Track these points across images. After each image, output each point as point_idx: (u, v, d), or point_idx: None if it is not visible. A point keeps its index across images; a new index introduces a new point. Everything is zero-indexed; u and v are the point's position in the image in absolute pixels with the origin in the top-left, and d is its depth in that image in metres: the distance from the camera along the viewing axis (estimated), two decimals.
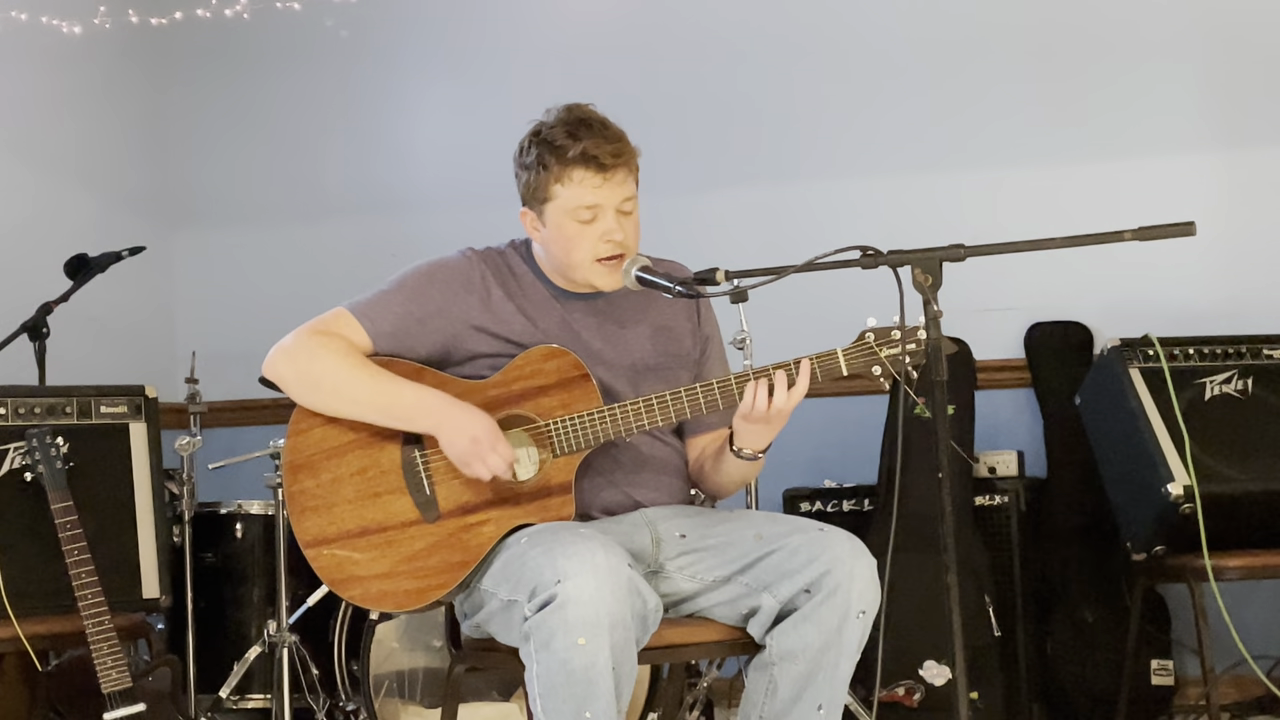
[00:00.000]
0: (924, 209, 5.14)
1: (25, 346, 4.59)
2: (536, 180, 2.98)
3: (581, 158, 2.93)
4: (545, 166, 2.96)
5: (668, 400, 2.89)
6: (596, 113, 3.01)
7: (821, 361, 2.87)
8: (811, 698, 2.87)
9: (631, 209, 3.00)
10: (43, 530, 3.83)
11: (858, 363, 2.86)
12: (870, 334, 2.87)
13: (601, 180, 2.95)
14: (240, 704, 4.69)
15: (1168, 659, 4.73)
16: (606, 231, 2.96)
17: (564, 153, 2.94)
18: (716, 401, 2.89)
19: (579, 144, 2.94)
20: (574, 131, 2.95)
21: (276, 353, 3.01)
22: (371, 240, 5.72)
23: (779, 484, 4.89)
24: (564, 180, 2.95)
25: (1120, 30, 5.10)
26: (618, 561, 2.71)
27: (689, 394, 2.89)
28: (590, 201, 2.95)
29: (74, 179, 5.61)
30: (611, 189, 2.96)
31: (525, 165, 3.01)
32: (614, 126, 3.00)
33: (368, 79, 5.88)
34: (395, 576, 2.92)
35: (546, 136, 2.97)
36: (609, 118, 3.02)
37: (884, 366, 2.84)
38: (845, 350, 2.88)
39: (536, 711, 2.72)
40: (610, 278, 2.99)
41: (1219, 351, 4.37)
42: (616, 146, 2.96)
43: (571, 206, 2.96)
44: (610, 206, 2.96)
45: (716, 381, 2.90)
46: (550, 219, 2.99)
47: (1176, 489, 4.12)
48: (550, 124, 2.99)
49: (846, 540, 2.90)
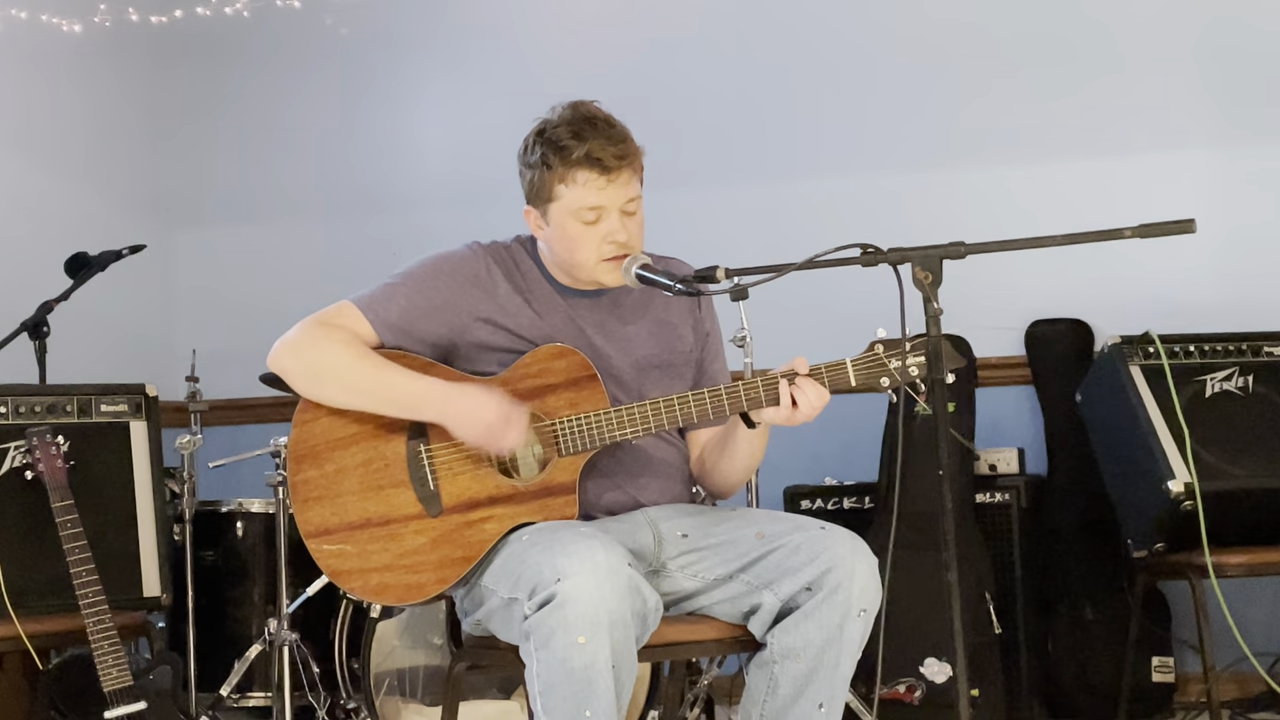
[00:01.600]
0: (924, 206, 5.14)
1: (26, 345, 4.59)
2: (540, 179, 2.97)
3: (586, 159, 2.92)
4: (549, 166, 2.95)
5: (675, 404, 2.89)
6: (601, 110, 3.00)
7: (830, 371, 2.87)
8: (812, 696, 2.87)
9: (635, 209, 2.99)
10: (43, 529, 3.83)
11: (866, 373, 2.86)
12: (880, 345, 2.87)
13: (606, 182, 2.94)
14: (241, 702, 4.69)
15: (1168, 656, 4.73)
16: (610, 232, 2.95)
17: (568, 154, 2.93)
18: (724, 408, 2.88)
19: (583, 145, 2.92)
20: (579, 131, 2.94)
21: (280, 346, 2.99)
22: (372, 238, 5.72)
23: (780, 481, 4.89)
24: (568, 181, 2.94)
25: (1120, 27, 5.09)
26: (618, 560, 2.71)
27: (696, 399, 2.88)
28: (594, 203, 2.94)
29: (74, 177, 5.61)
30: (615, 190, 2.95)
31: (529, 164, 2.99)
32: (619, 125, 2.98)
33: (367, 77, 5.87)
34: (396, 570, 2.91)
35: (551, 136, 2.96)
36: (613, 115, 3.00)
37: (893, 378, 2.84)
38: (854, 361, 2.87)
39: (537, 710, 2.72)
40: (616, 274, 2.98)
41: (1220, 349, 4.37)
42: (621, 148, 2.94)
43: (575, 207, 2.95)
44: (614, 207, 2.95)
45: (725, 388, 2.89)
46: (554, 218, 2.99)
47: (1177, 486, 4.12)
48: (555, 123, 2.97)
49: (848, 539, 2.90)
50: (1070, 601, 4.74)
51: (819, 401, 2.86)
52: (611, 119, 2.98)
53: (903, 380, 2.84)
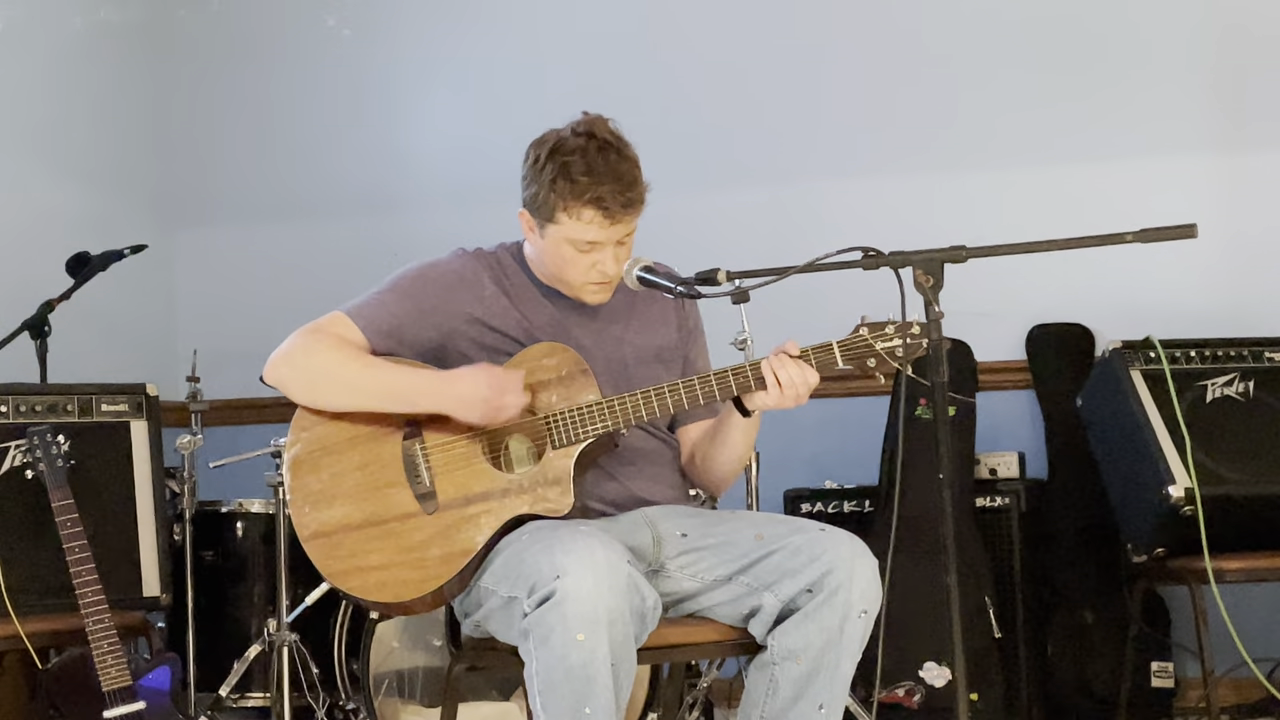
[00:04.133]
0: (925, 210, 5.14)
1: (27, 344, 4.59)
2: (545, 199, 2.98)
3: (595, 202, 2.94)
4: (556, 192, 2.96)
5: (665, 392, 2.91)
6: (615, 138, 2.99)
7: (817, 353, 2.88)
8: (813, 697, 2.87)
9: (629, 241, 3.02)
10: (43, 528, 3.84)
11: (853, 355, 2.87)
12: (864, 328, 2.87)
13: (609, 223, 2.96)
14: (240, 702, 4.68)
15: (1168, 661, 4.72)
16: (600, 263, 2.99)
17: (579, 192, 2.94)
18: (714, 393, 2.90)
19: (597, 186, 2.93)
20: (593, 167, 2.93)
21: (274, 357, 3.04)
22: (373, 239, 5.72)
23: (780, 484, 4.89)
24: (572, 214, 2.96)
25: (1123, 32, 5.10)
26: (617, 558, 2.72)
27: (686, 386, 2.91)
28: (593, 238, 2.98)
29: (76, 177, 5.61)
30: (616, 230, 2.98)
31: (536, 179, 2.99)
32: (630, 157, 2.98)
33: (370, 78, 5.88)
34: (394, 567, 2.92)
35: (565, 163, 2.95)
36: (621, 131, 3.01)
37: (880, 359, 2.85)
38: (840, 343, 2.88)
39: (536, 709, 2.72)
40: (597, 296, 3.05)
41: (1220, 354, 4.37)
42: (631, 195, 2.96)
43: (573, 237, 2.98)
44: (610, 243, 2.99)
45: (714, 374, 2.91)
46: (549, 236, 3.01)
47: (1177, 491, 4.12)
48: (570, 147, 2.96)
49: (848, 540, 2.90)
50: (1070, 606, 4.74)
51: (803, 380, 2.86)
52: (624, 149, 2.99)
53: (890, 361, 2.84)
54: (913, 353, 2.84)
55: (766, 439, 4.46)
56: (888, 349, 2.85)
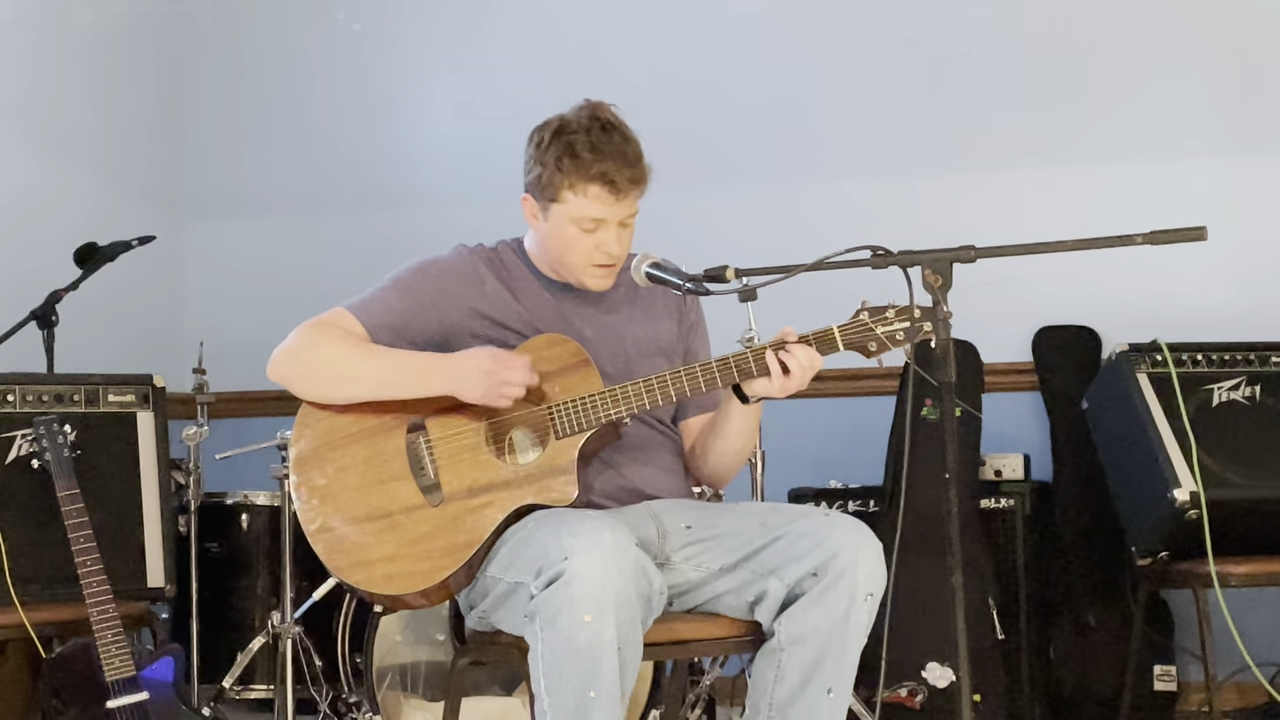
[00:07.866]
0: (934, 210, 5.14)
1: (34, 334, 4.59)
2: (549, 179, 3.01)
3: (601, 177, 2.97)
4: (562, 170, 2.99)
5: (668, 380, 2.91)
6: (618, 121, 3.03)
7: (817, 337, 2.88)
8: (820, 682, 2.87)
9: (631, 222, 3.05)
10: (49, 518, 3.84)
11: (853, 338, 2.87)
12: (865, 312, 2.88)
13: (614, 200, 2.99)
14: (243, 694, 4.69)
15: (1170, 664, 4.72)
16: (604, 243, 3.01)
17: (585, 167, 2.97)
18: (716, 379, 2.91)
19: (602, 163, 2.96)
20: (598, 145, 2.97)
21: (277, 354, 3.05)
22: (380, 233, 5.73)
23: (784, 484, 4.89)
24: (578, 191, 2.99)
25: (1132, 34, 5.09)
26: (625, 541, 2.73)
27: (688, 373, 2.91)
28: (598, 215, 3.00)
29: (84, 167, 5.62)
30: (620, 208, 3.00)
31: (541, 160, 3.02)
32: (633, 140, 3.02)
33: (379, 72, 5.88)
34: (400, 559, 2.92)
35: (570, 141, 2.99)
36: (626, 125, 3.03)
37: (880, 343, 2.85)
38: (841, 327, 2.89)
39: (540, 692, 2.72)
40: (600, 282, 3.06)
41: (1227, 358, 4.36)
42: (635, 171, 2.99)
43: (578, 215, 3.00)
44: (614, 221, 3.01)
45: (716, 361, 2.92)
46: (553, 217, 3.03)
47: (1182, 494, 4.11)
48: (574, 127, 3.00)
49: (853, 525, 2.91)
50: (1073, 608, 4.74)
51: (809, 363, 2.87)
52: (627, 133, 3.03)
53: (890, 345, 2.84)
54: (913, 336, 2.84)
55: (771, 439, 4.48)
56: (888, 332, 2.85)
